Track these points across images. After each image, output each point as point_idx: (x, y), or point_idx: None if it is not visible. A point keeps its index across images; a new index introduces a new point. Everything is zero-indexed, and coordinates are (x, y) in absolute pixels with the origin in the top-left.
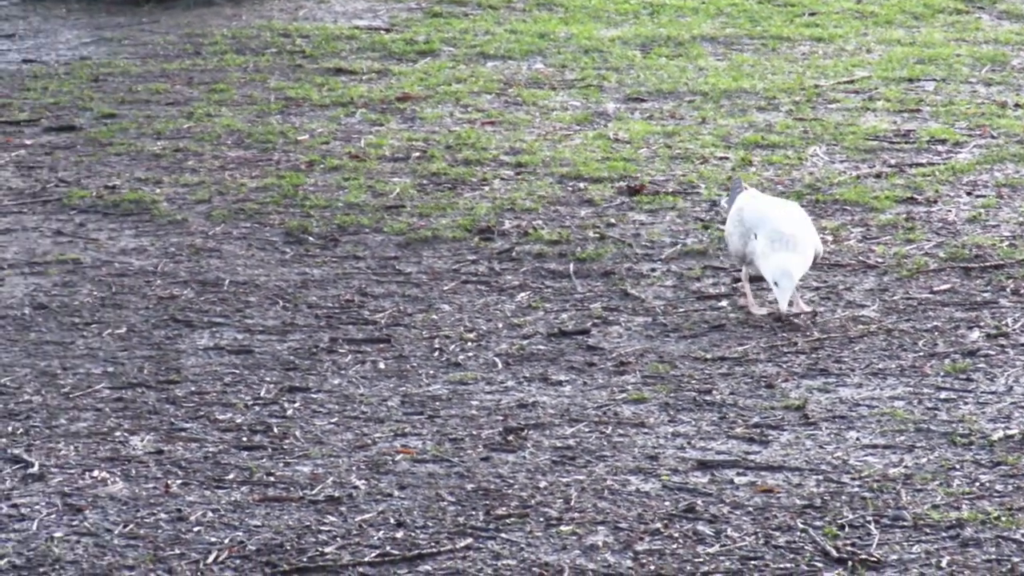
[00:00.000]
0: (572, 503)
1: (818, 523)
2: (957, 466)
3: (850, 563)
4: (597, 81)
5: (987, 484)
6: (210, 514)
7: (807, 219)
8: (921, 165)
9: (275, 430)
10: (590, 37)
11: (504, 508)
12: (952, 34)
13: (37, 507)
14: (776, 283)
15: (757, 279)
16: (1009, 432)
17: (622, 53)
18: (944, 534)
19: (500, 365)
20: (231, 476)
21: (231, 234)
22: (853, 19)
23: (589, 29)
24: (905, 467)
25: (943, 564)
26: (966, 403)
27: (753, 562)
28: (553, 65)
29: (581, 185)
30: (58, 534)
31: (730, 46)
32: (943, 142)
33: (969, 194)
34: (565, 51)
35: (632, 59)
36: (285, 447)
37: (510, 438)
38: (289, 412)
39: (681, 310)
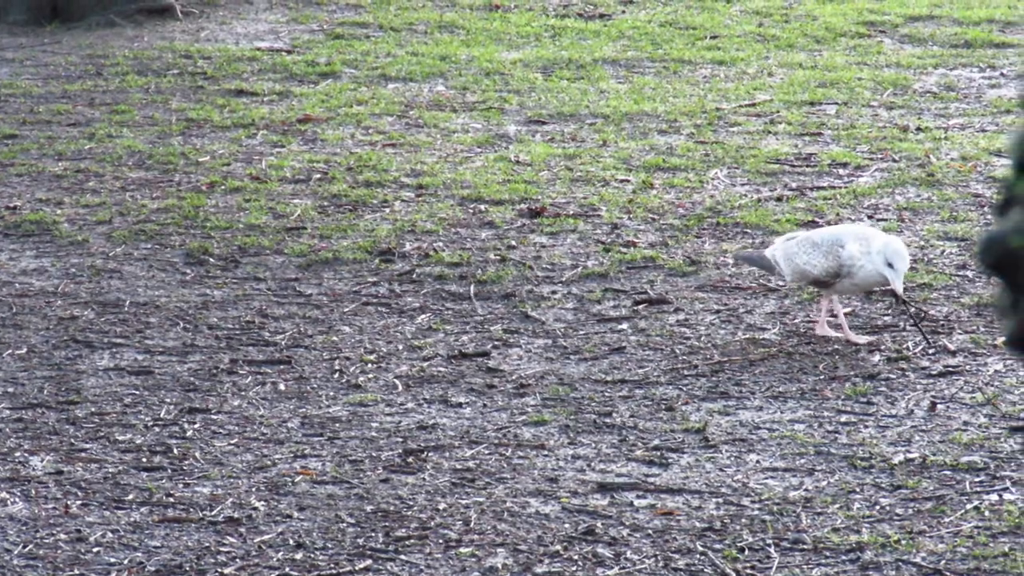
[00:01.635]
0: (472, 525)
1: (718, 546)
2: (857, 489)
3: None
4: (498, 103)
5: (887, 507)
6: (110, 535)
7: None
8: (822, 188)
9: (175, 451)
10: (491, 59)
11: (404, 530)
12: (854, 58)
13: None
14: (891, 264)
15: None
16: (909, 455)
17: (523, 76)
18: (844, 557)
19: (400, 387)
20: (131, 496)
21: (132, 255)
22: (755, 42)
23: (490, 52)
24: (805, 490)
25: None
26: (866, 426)
27: None
28: (454, 87)
29: (482, 207)
30: None
31: (632, 69)
32: (844, 165)
33: (871, 217)
34: (466, 73)
35: (533, 81)
36: (185, 468)
37: (410, 460)
38: (189, 433)
39: (581, 332)
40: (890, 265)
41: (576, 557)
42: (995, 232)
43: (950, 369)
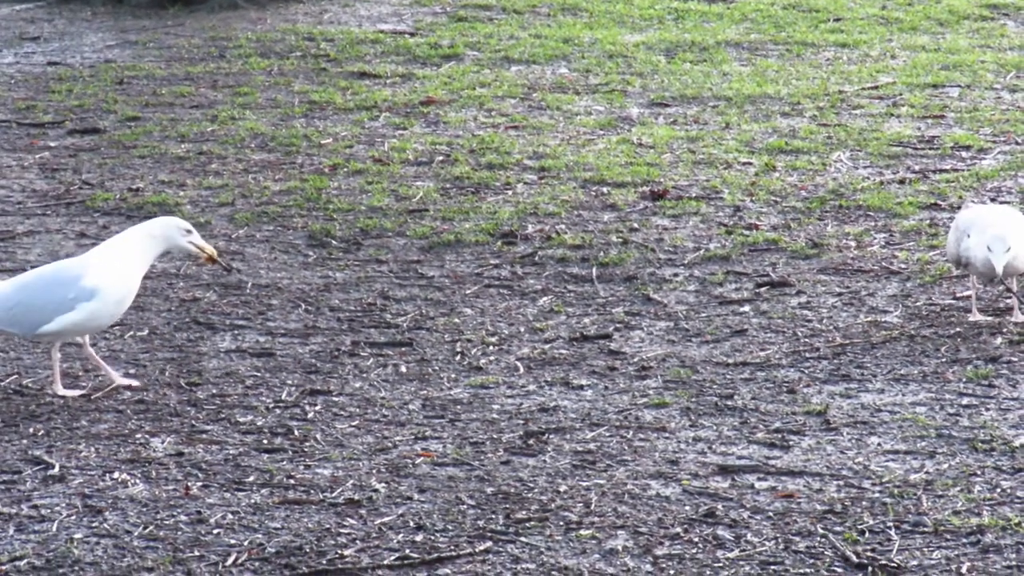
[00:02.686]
0: (592, 507)
1: (838, 528)
2: (978, 472)
3: (870, 568)
4: (621, 86)
5: (1008, 490)
6: (230, 516)
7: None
8: (945, 171)
9: (296, 433)
10: (614, 42)
11: (524, 512)
12: (977, 40)
13: (57, 508)
14: (990, 248)
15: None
16: None
17: (646, 58)
18: (964, 540)
19: (521, 369)
20: (251, 478)
21: (254, 237)
22: (878, 25)
23: (613, 34)
24: (926, 473)
25: (963, 570)
26: (988, 409)
27: (773, 567)
28: (577, 70)
29: (604, 190)
30: (78, 535)
31: (755, 51)
32: (967, 148)
33: (993, 200)
34: (589, 56)
35: (656, 64)
36: (305, 450)
37: (531, 442)
38: (310, 415)
39: (703, 315)
40: (989, 249)
41: (696, 539)
42: None
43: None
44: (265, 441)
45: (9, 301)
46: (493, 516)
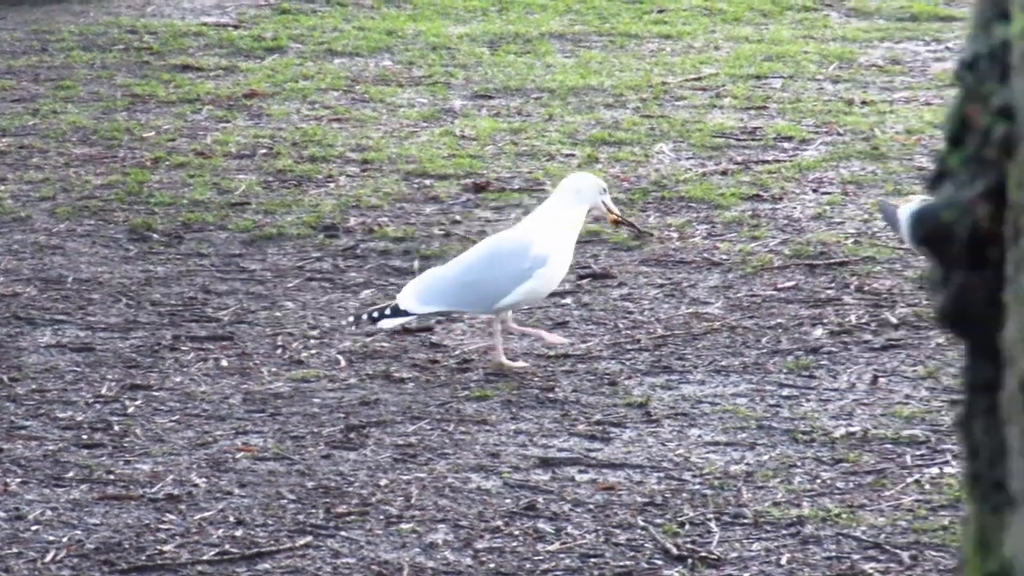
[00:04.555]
0: (413, 501)
1: (659, 520)
2: (798, 463)
3: (690, 560)
4: (444, 78)
5: (828, 481)
6: (49, 512)
7: None
8: (767, 162)
9: (116, 428)
10: (438, 34)
11: (344, 506)
12: (800, 31)
13: None
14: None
15: None
16: (851, 429)
17: (470, 50)
18: (784, 531)
19: (343, 363)
20: (70, 474)
21: (75, 231)
22: (701, 16)
23: (437, 26)
24: (746, 464)
25: (783, 561)
26: (808, 400)
27: (593, 559)
28: (400, 62)
29: (427, 182)
30: None
31: (578, 43)
32: (790, 139)
33: (815, 191)
34: (413, 48)
35: (480, 56)
36: (125, 445)
37: (351, 436)
38: (130, 410)
39: (525, 308)
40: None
41: (517, 532)
42: (926, 206)
43: (892, 342)
44: (85, 436)
45: (461, 282)
46: (313, 510)
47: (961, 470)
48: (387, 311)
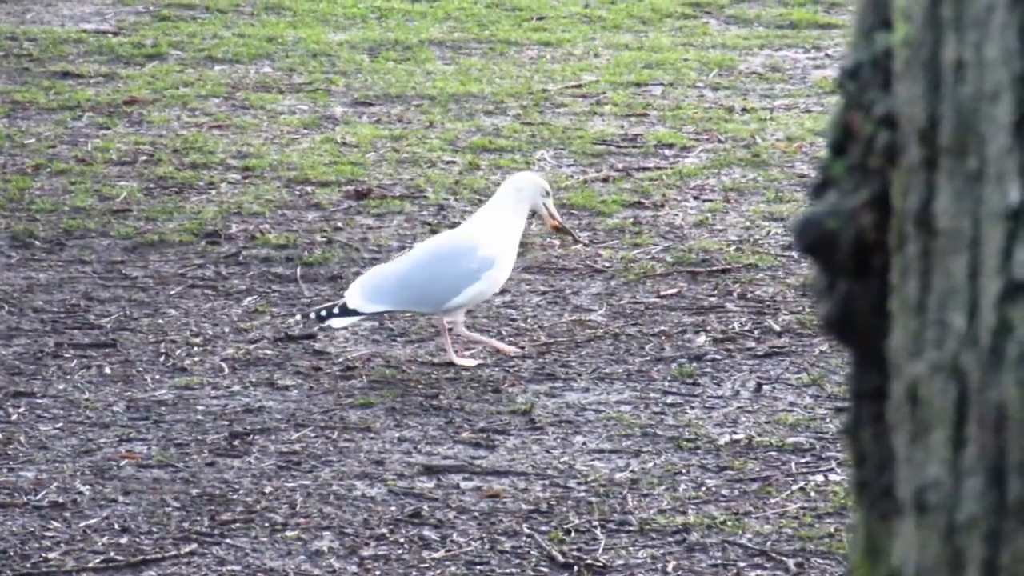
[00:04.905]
0: (297, 508)
1: (544, 528)
2: (683, 471)
3: (576, 568)
4: (325, 85)
5: (713, 489)
6: None
7: None
8: (648, 169)
9: None
10: (318, 41)
11: (229, 513)
12: (680, 39)
13: None
14: None
15: None
16: (735, 436)
17: (350, 57)
18: (670, 539)
19: (226, 370)
20: None
21: None
22: (581, 23)
23: (317, 33)
24: (631, 472)
25: (669, 569)
26: (692, 407)
27: (479, 567)
28: (281, 69)
29: (308, 189)
30: None
31: (458, 50)
32: (671, 146)
33: (696, 198)
34: (293, 55)
35: (360, 63)
36: (9, 452)
37: (235, 443)
38: (13, 417)
39: (408, 315)
40: None
41: (402, 540)
42: (810, 214)
43: (776, 350)
44: None
45: (408, 282)
46: (198, 518)
47: (848, 477)
48: (335, 310)
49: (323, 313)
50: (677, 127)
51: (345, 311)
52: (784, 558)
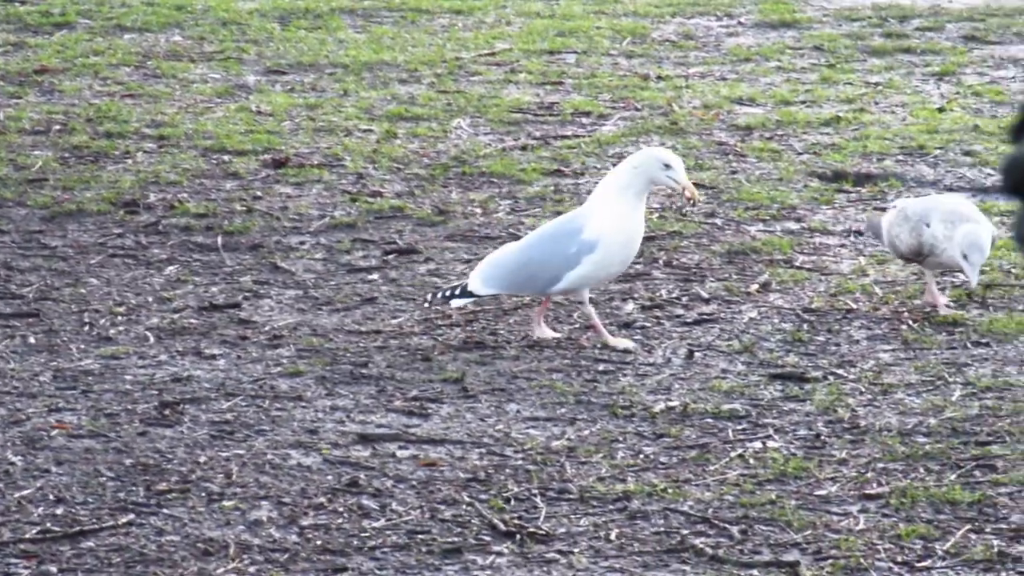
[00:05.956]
0: (233, 478)
1: (484, 496)
2: (620, 438)
3: (518, 536)
4: (237, 53)
5: (651, 456)
6: None
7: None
8: (567, 137)
9: None
10: (228, 9)
11: (165, 483)
12: (591, 6)
13: None
14: (966, 256)
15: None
16: (670, 404)
17: (261, 25)
18: (611, 507)
19: (152, 339)
20: None
21: None
22: None
23: (227, 1)
24: (568, 439)
25: (612, 537)
26: (625, 375)
27: (420, 536)
28: (191, 37)
29: (225, 158)
30: None
31: (369, 18)
32: (587, 114)
33: (615, 166)
34: (203, 23)
35: (271, 31)
36: None
37: (166, 412)
38: None
39: (332, 283)
40: (965, 257)
41: (341, 509)
42: (1018, 154)
43: (705, 317)
44: None
45: (516, 264)
46: (134, 488)
47: (785, 444)
48: (457, 291)
49: (447, 294)
50: (593, 95)
51: (464, 293)
52: (727, 525)
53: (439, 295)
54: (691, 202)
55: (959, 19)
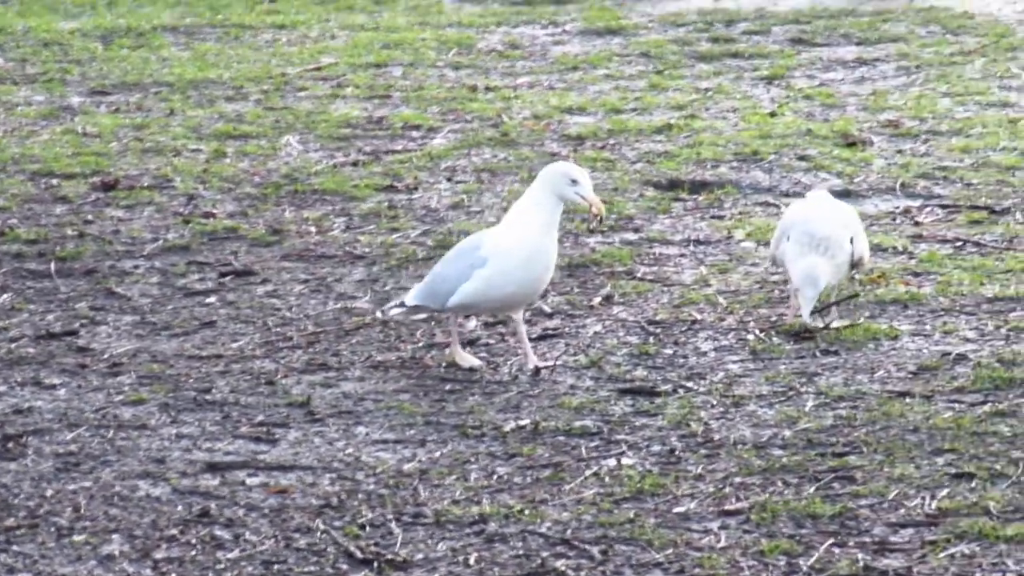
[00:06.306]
0: (83, 511)
1: (338, 523)
2: (472, 459)
3: (376, 564)
4: (60, 75)
5: (505, 477)
6: None
7: (855, 223)
8: (397, 151)
9: None
10: (49, 30)
11: (12, 519)
12: (415, 18)
13: None
14: (799, 290)
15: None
16: (520, 422)
17: (83, 45)
18: (469, 530)
19: None
20: None
21: None
22: (314, 5)
23: (47, 22)
24: (419, 462)
25: (471, 561)
26: (473, 394)
27: (276, 566)
28: (13, 59)
29: (54, 182)
30: None
31: (192, 35)
32: (417, 128)
33: (449, 180)
34: (24, 45)
35: (94, 51)
36: None
37: (9, 445)
38: None
39: (169, 307)
40: (798, 290)
41: (194, 540)
42: None
43: (549, 332)
44: None
45: (431, 275)
46: None
47: (640, 461)
48: (398, 302)
49: (391, 304)
50: (422, 108)
51: (401, 303)
52: (587, 546)
53: (384, 308)
54: (598, 219)
55: (785, 22)
